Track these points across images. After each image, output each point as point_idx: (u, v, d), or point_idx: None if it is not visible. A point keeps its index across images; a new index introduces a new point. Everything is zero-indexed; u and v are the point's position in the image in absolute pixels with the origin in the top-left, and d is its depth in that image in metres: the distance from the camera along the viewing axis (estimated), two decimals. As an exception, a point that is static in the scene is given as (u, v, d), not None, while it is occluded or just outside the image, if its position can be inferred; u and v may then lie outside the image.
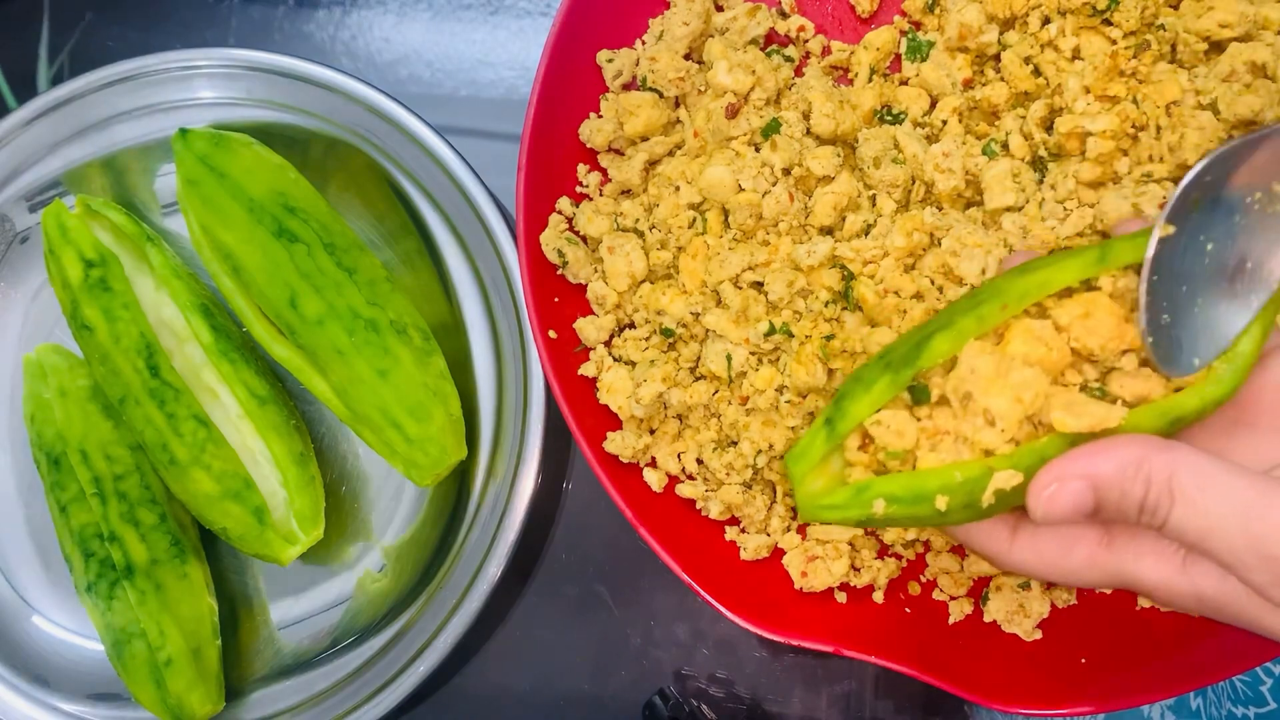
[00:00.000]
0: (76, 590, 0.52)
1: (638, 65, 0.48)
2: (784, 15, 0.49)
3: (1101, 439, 0.32)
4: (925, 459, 0.33)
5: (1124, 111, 0.41)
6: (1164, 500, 0.30)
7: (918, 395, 0.34)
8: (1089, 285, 0.34)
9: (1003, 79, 0.45)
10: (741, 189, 0.45)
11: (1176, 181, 0.39)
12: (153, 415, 0.51)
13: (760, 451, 0.46)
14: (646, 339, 0.47)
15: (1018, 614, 0.46)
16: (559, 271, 0.48)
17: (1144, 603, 0.46)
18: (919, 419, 0.33)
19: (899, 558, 0.48)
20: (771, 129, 0.45)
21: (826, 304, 0.44)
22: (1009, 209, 0.44)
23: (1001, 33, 0.45)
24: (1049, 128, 0.44)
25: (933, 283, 0.43)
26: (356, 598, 0.55)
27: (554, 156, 0.48)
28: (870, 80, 0.47)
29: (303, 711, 0.53)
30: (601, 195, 0.49)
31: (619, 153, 0.49)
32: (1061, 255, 0.34)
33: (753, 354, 0.45)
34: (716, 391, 0.46)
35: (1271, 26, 0.42)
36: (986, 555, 0.36)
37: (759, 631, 0.44)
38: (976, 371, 0.32)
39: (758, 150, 0.45)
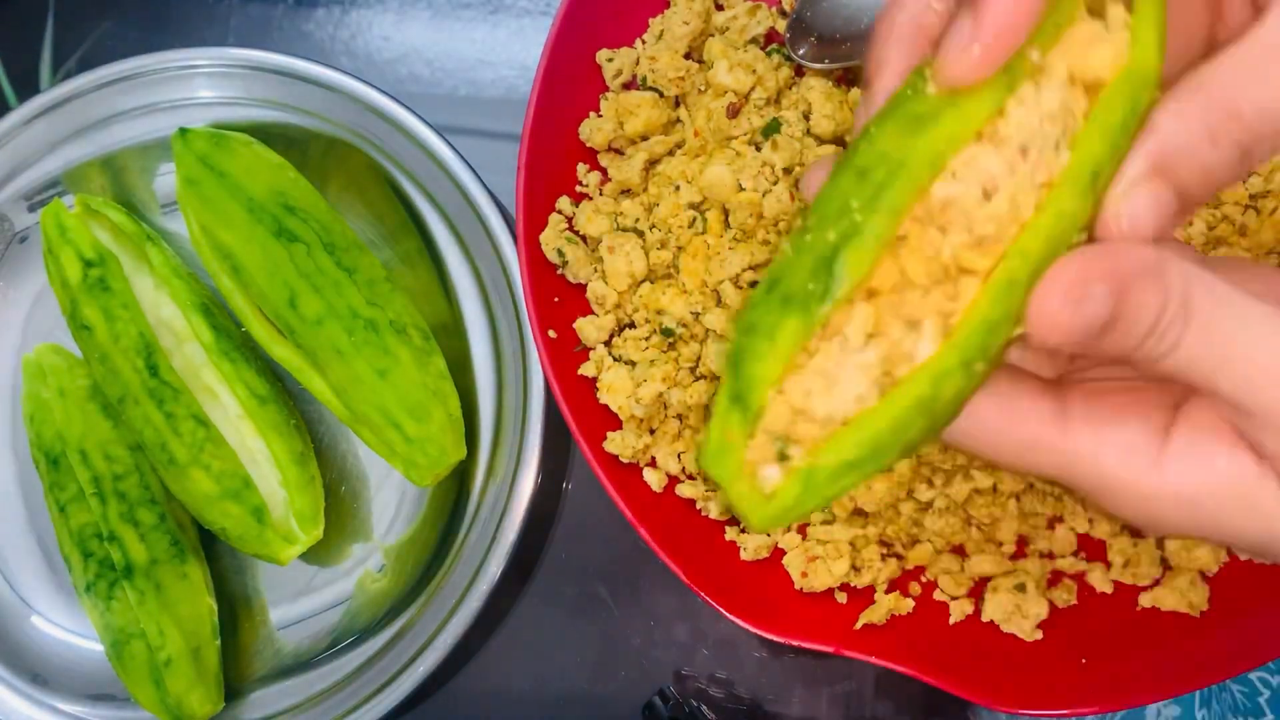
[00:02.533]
0: (76, 590, 0.52)
1: (638, 64, 0.48)
2: (784, 15, 0.49)
3: (1103, 243, 0.25)
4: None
5: None
6: (1178, 320, 0.24)
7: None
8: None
9: None
10: (742, 188, 0.45)
11: None
12: (152, 415, 0.51)
13: (760, 451, 0.46)
14: (646, 339, 0.47)
15: (1015, 614, 0.45)
16: (559, 271, 0.48)
17: (1144, 602, 0.46)
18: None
19: (900, 558, 0.48)
20: (772, 129, 0.45)
21: (827, 304, 0.44)
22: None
23: None
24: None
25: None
26: (356, 598, 0.55)
27: (554, 156, 0.48)
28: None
29: (302, 711, 0.53)
30: (601, 195, 0.49)
31: (619, 152, 0.49)
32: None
33: (753, 354, 0.45)
34: (716, 391, 0.46)
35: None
36: None
37: (759, 632, 0.44)
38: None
39: (758, 150, 0.45)
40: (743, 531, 0.48)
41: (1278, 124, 0.24)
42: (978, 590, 0.47)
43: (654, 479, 0.47)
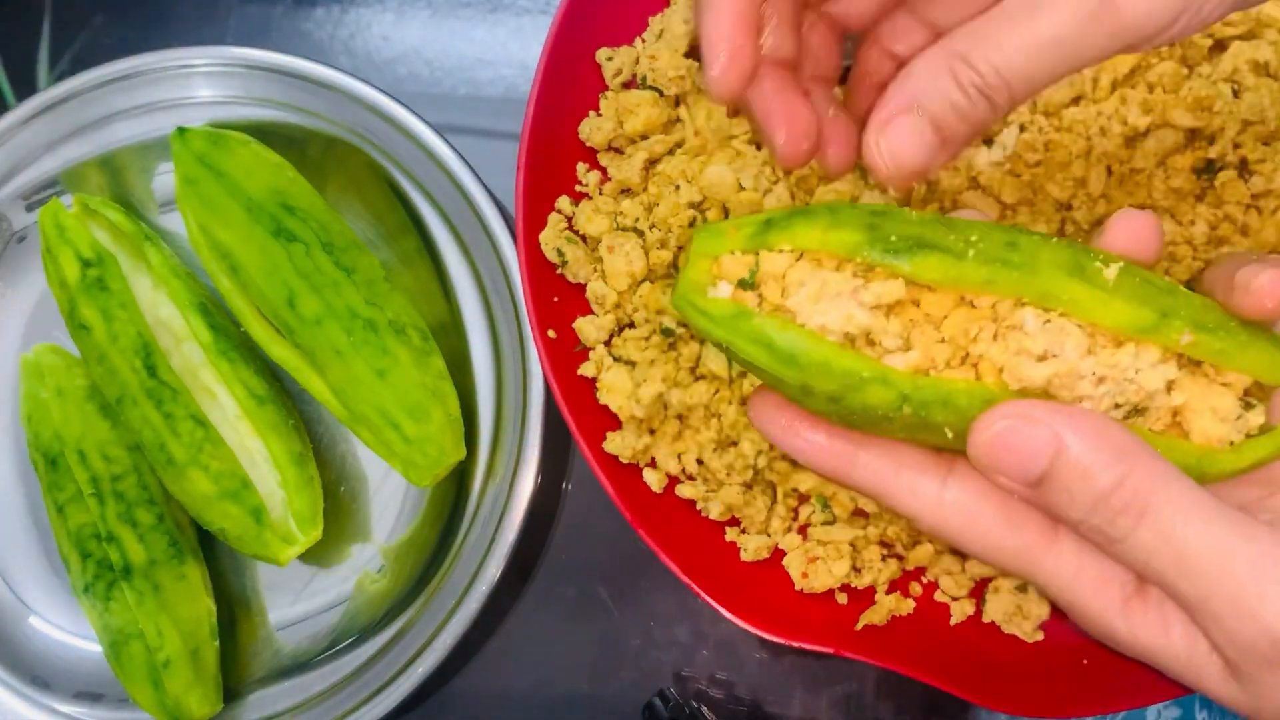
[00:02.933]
0: (74, 591, 0.52)
1: (638, 63, 0.48)
2: (784, 13, 0.49)
3: (1088, 411, 0.27)
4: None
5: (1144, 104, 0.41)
6: (1131, 512, 0.25)
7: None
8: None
9: None
10: (742, 188, 0.45)
11: None
12: (150, 415, 0.50)
13: (760, 452, 0.46)
14: (646, 339, 0.47)
15: (1016, 615, 0.45)
16: (558, 271, 0.48)
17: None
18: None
19: (901, 559, 0.48)
20: (772, 128, 0.45)
21: (827, 304, 0.44)
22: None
23: None
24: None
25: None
26: (355, 598, 0.55)
27: (554, 155, 0.48)
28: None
29: (302, 712, 0.53)
30: (601, 194, 0.49)
31: (619, 151, 0.49)
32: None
33: (753, 354, 0.45)
34: (716, 391, 0.46)
35: (1274, 25, 0.42)
36: (907, 504, 0.29)
37: (759, 633, 0.44)
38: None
39: (759, 149, 0.45)
40: (743, 532, 0.48)
41: (1010, 79, 0.27)
42: (979, 591, 0.47)
43: (654, 479, 0.47)
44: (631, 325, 0.48)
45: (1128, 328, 0.28)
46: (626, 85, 0.49)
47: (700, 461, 0.48)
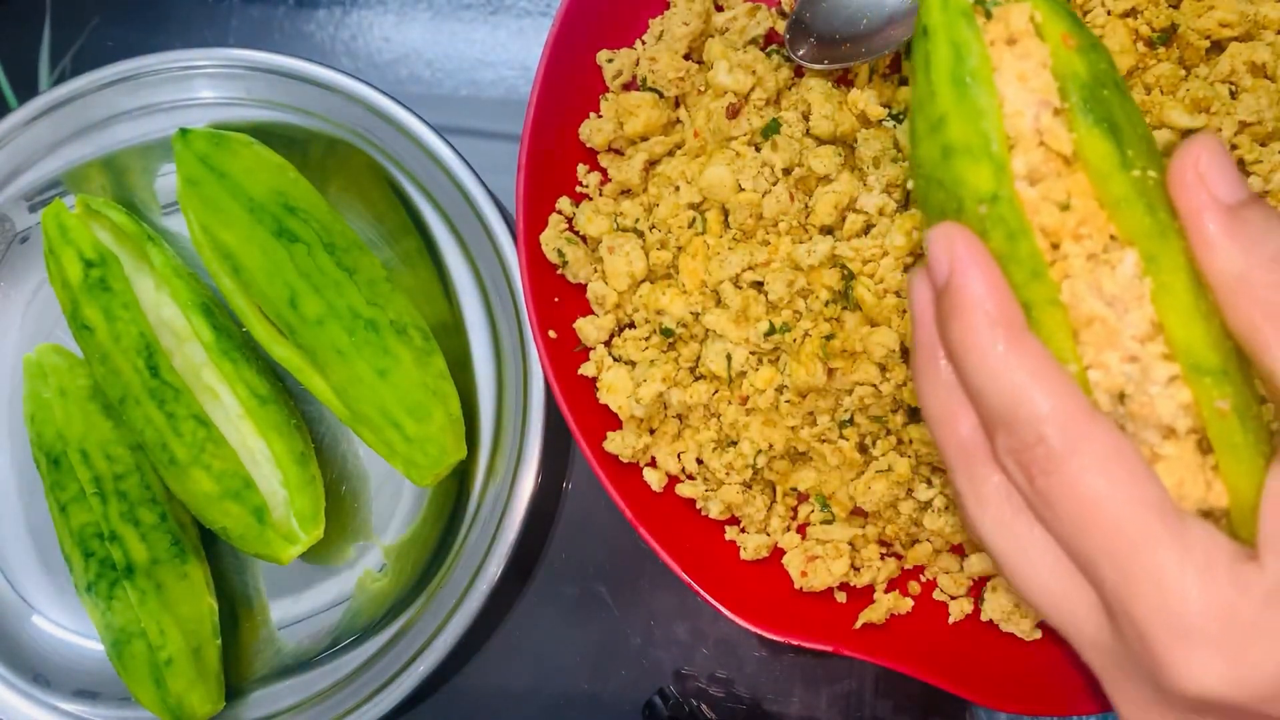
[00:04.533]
0: (76, 590, 0.52)
1: (638, 65, 0.48)
2: (784, 15, 0.49)
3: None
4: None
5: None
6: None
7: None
8: None
9: None
10: (741, 189, 0.45)
11: None
12: (152, 415, 0.51)
13: (760, 451, 0.46)
14: (646, 339, 0.48)
15: (1014, 614, 0.46)
16: (559, 271, 0.48)
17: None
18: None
19: (899, 558, 0.48)
20: (771, 129, 0.45)
21: (826, 304, 0.44)
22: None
23: None
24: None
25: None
26: (356, 597, 0.55)
27: (554, 156, 0.48)
28: (870, 81, 0.47)
29: (303, 711, 0.53)
30: (601, 195, 0.49)
31: (619, 153, 0.49)
32: None
33: (753, 354, 0.45)
34: (716, 391, 0.46)
35: (1271, 26, 0.42)
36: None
37: (759, 631, 0.44)
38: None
39: (758, 150, 0.45)
40: (743, 531, 0.48)
41: None
42: (977, 589, 0.47)
43: (654, 479, 0.47)
44: (631, 325, 0.48)
45: (1189, 353, 0.27)
46: (627, 87, 0.49)
47: (700, 461, 0.48)
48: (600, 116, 0.49)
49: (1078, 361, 0.28)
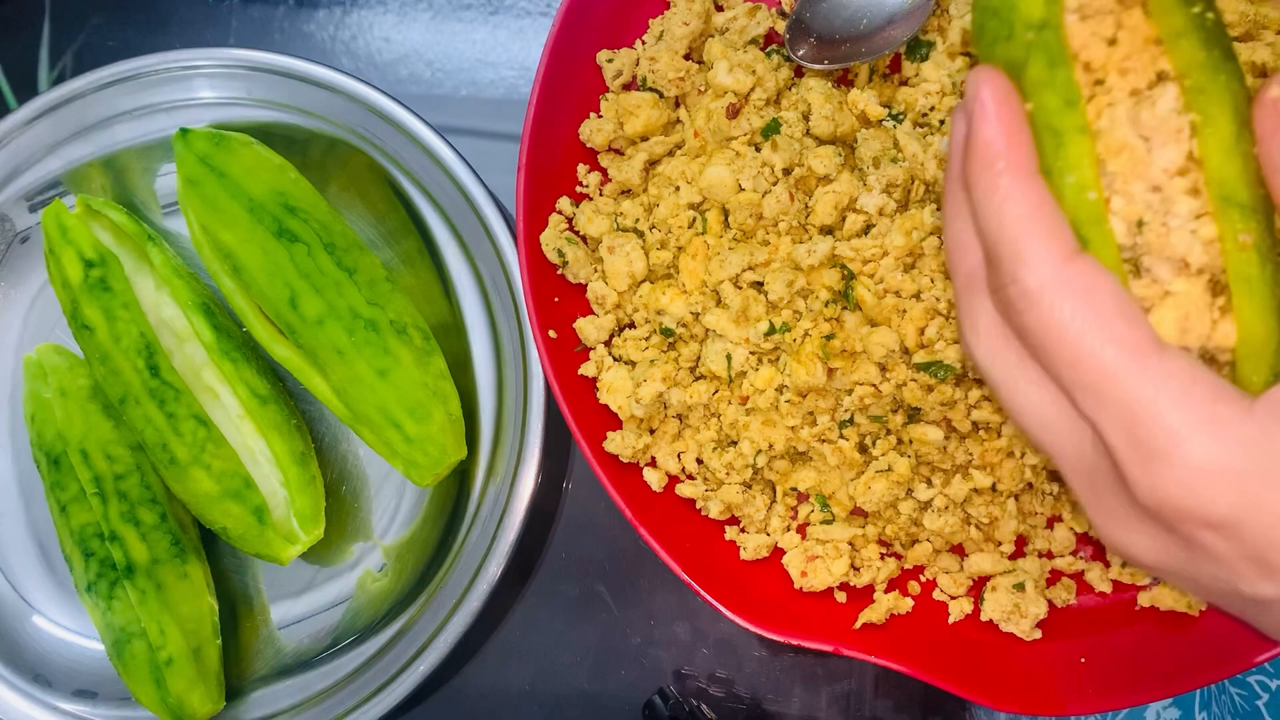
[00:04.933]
0: (76, 590, 0.52)
1: (638, 65, 0.48)
2: (783, 15, 0.49)
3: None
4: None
5: None
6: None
7: None
8: None
9: None
10: (741, 189, 0.45)
11: None
12: (153, 415, 0.51)
13: (760, 451, 0.46)
14: (646, 339, 0.48)
15: (1014, 614, 0.46)
16: (559, 271, 0.48)
17: (1143, 601, 0.46)
18: None
19: (899, 557, 0.48)
20: (771, 129, 0.45)
21: (826, 304, 0.44)
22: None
23: None
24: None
25: (932, 282, 0.43)
26: (357, 597, 0.55)
27: (554, 156, 0.48)
28: (870, 81, 0.47)
29: (303, 711, 0.53)
30: (601, 195, 0.49)
31: (619, 153, 0.49)
32: None
33: (753, 354, 0.45)
34: (716, 391, 0.46)
35: (1272, 26, 0.42)
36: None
37: (759, 631, 0.44)
38: None
39: (758, 150, 0.46)
40: (743, 531, 0.48)
41: None
42: (977, 589, 0.47)
43: (654, 479, 0.47)
44: (631, 325, 0.48)
45: (1222, 184, 0.27)
46: (627, 87, 0.49)
47: (700, 461, 0.48)
48: (600, 116, 0.49)
49: (1098, 189, 0.28)
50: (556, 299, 0.48)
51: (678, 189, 0.47)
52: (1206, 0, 0.28)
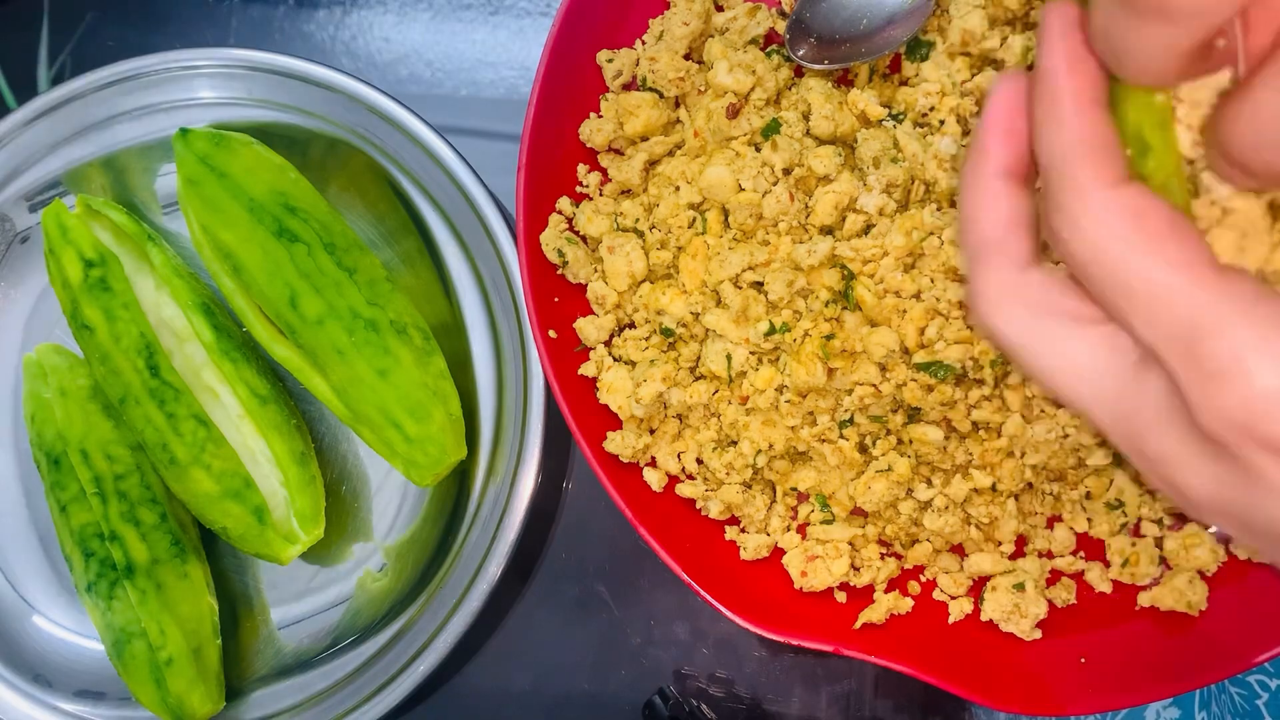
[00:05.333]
0: (76, 590, 0.52)
1: (638, 65, 0.48)
2: (784, 15, 0.49)
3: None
4: None
5: None
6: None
7: None
8: None
9: (999, 71, 0.45)
10: (741, 189, 0.45)
11: None
12: (153, 415, 0.51)
13: (760, 451, 0.46)
14: (646, 339, 0.48)
15: (1014, 614, 0.46)
16: (559, 271, 0.48)
17: (1143, 601, 0.46)
18: None
19: (899, 557, 0.48)
20: (771, 129, 0.45)
21: (826, 304, 0.44)
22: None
23: (1004, 39, 0.45)
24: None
25: (932, 282, 0.43)
26: (357, 597, 0.55)
27: (554, 156, 0.48)
28: (870, 81, 0.47)
29: (303, 711, 0.53)
30: (601, 195, 0.49)
31: (619, 153, 0.49)
32: None
33: (753, 354, 0.45)
34: (716, 391, 0.46)
35: None
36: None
37: (759, 631, 0.44)
38: None
39: (758, 150, 0.46)
40: (743, 531, 0.48)
41: None
42: (977, 589, 0.47)
43: (654, 479, 0.47)
44: (631, 325, 0.48)
45: None
46: (627, 87, 0.49)
47: (700, 461, 0.48)
48: (600, 116, 0.49)
49: (1166, 90, 0.26)
50: (556, 299, 0.48)
51: (678, 189, 0.47)
52: None
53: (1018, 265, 0.28)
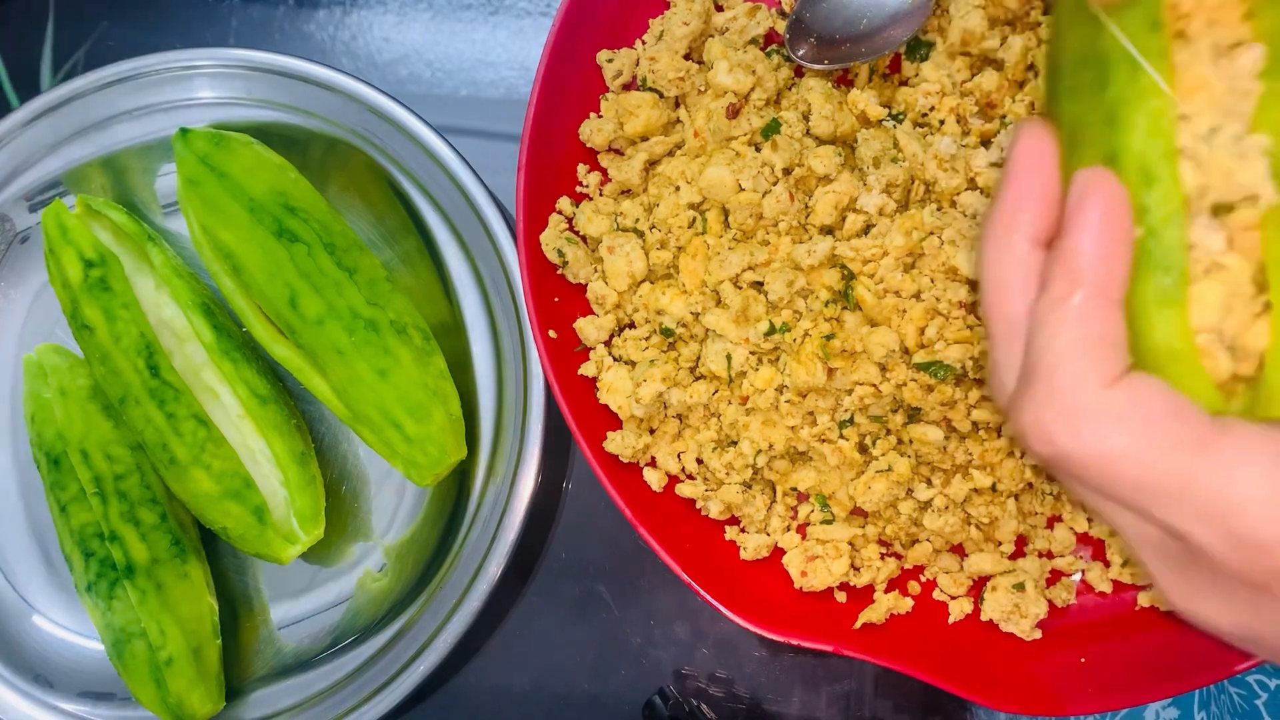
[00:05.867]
0: (76, 590, 0.52)
1: (638, 65, 0.48)
2: (783, 15, 0.49)
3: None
4: None
5: None
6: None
7: None
8: None
9: (999, 71, 0.45)
10: (741, 189, 0.45)
11: None
12: (153, 415, 0.51)
13: (760, 451, 0.46)
14: (646, 339, 0.48)
15: (1014, 614, 0.46)
16: (559, 271, 0.48)
17: (1143, 601, 0.46)
18: None
19: (899, 557, 0.48)
20: (771, 129, 0.45)
21: (826, 303, 0.44)
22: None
23: (1004, 39, 0.45)
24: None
25: (932, 282, 0.43)
26: (357, 597, 0.55)
27: (554, 156, 0.48)
28: (870, 81, 0.47)
29: (303, 711, 0.53)
30: (601, 195, 0.49)
31: (619, 153, 0.49)
32: None
33: (753, 354, 0.45)
34: (716, 391, 0.46)
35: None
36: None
37: (759, 631, 0.44)
38: None
39: (758, 150, 0.46)
40: (743, 531, 0.48)
41: None
42: (977, 589, 0.47)
43: (654, 479, 0.48)
44: (631, 325, 0.48)
45: (1275, 159, 0.26)
46: (627, 87, 0.49)
47: (700, 461, 0.48)
48: (600, 116, 0.49)
49: (1173, 123, 0.27)
50: (556, 299, 0.48)
51: (678, 189, 0.47)
52: None
53: (1104, 380, 0.26)
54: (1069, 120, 0.29)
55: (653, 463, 0.48)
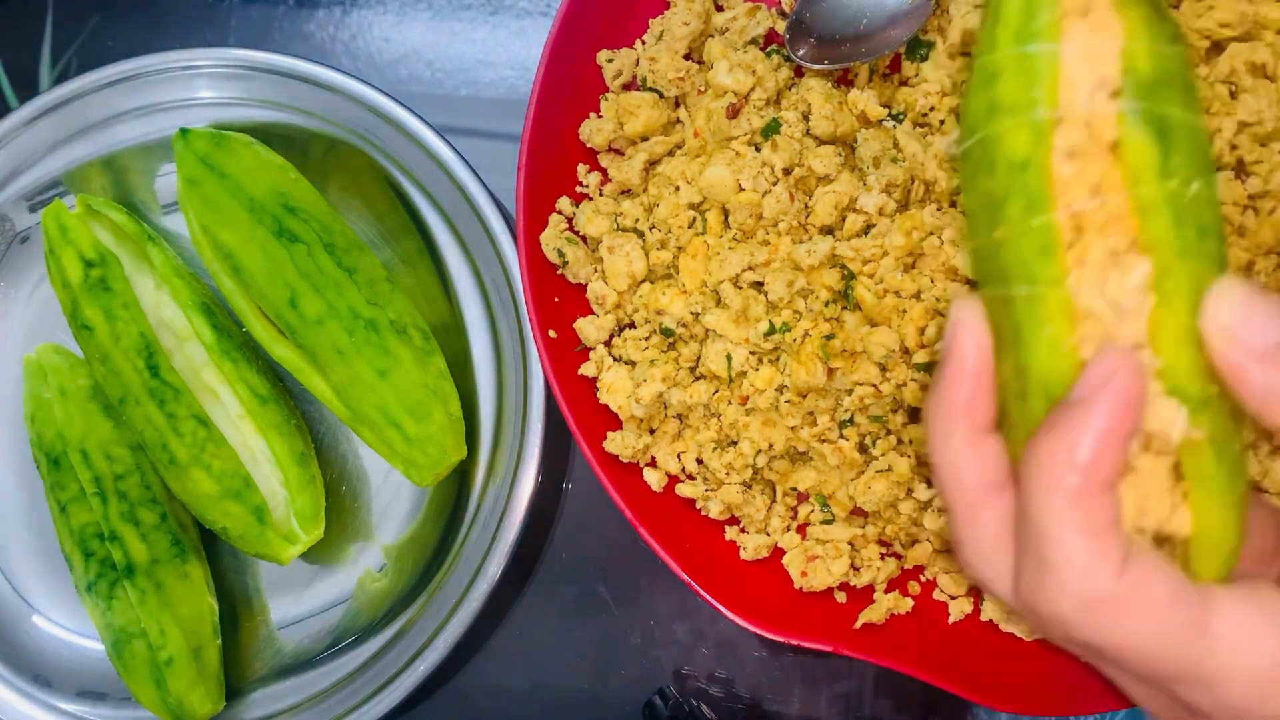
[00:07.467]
0: (77, 590, 0.52)
1: (638, 65, 0.48)
2: (784, 15, 0.49)
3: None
4: None
5: None
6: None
7: None
8: None
9: None
10: (741, 189, 0.45)
11: None
12: (153, 415, 0.51)
13: (760, 451, 0.46)
14: (646, 339, 0.48)
15: (1014, 614, 0.46)
16: (559, 271, 0.48)
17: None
18: None
19: (899, 557, 0.48)
20: (771, 129, 0.45)
21: (826, 303, 0.44)
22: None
23: None
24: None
25: (932, 281, 0.43)
26: (357, 597, 0.55)
27: (554, 156, 0.48)
28: (870, 81, 0.47)
29: (303, 711, 0.53)
30: (601, 195, 0.49)
31: (619, 153, 0.49)
32: None
33: (753, 354, 0.45)
34: (716, 391, 0.46)
35: (1271, 26, 0.42)
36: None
37: (759, 631, 0.44)
38: None
39: (758, 150, 0.46)
40: (743, 531, 0.48)
41: None
42: (977, 589, 0.47)
43: (654, 479, 0.48)
44: (631, 325, 0.48)
45: (1172, 377, 0.26)
46: (627, 87, 0.49)
47: (700, 461, 0.48)
48: (600, 116, 0.49)
49: (1074, 346, 0.27)
50: (556, 299, 0.48)
51: (678, 189, 0.47)
52: (1193, 169, 0.26)
53: (1114, 570, 0.27)
54: (986, 302, 0.29)
55: (653, 463, 0.48)
